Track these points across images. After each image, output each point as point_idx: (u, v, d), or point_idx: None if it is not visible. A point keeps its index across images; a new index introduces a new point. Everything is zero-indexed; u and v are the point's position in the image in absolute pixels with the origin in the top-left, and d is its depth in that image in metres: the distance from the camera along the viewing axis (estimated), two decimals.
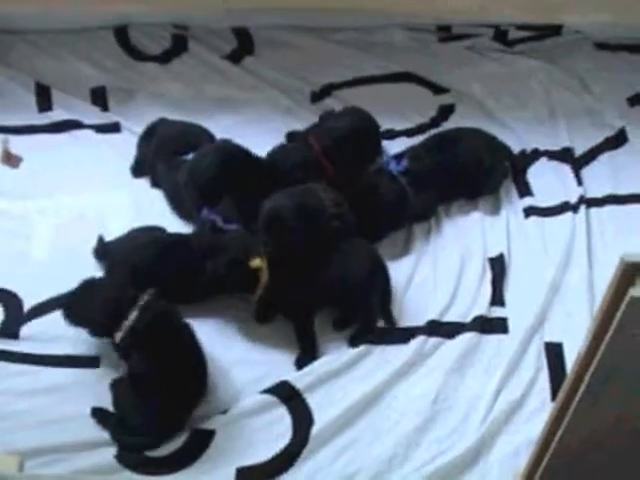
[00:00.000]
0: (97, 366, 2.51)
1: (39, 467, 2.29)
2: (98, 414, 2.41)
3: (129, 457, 2.34)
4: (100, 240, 2.72)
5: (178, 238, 2.70)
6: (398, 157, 2.84)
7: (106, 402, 2.42)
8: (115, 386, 2.43)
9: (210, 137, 2.93)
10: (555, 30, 3.38)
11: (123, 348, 2.42)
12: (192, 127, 2.97)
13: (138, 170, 2.97)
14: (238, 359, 2.55)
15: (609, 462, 1.77)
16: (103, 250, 2.70)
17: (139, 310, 2.39)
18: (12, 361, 2.52)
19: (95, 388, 2.45)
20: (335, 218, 2.60)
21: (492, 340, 2.58)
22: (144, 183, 2.94)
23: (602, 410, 1.61)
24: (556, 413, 1.71)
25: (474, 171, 2.86)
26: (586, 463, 1.78)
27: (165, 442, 2.37)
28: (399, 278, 2.66)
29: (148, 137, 2.97)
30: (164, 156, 2.87)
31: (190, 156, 2.82)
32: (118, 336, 2.39)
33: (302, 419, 2.42)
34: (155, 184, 2.93)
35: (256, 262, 2.52)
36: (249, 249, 2.54)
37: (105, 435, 2.38)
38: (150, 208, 2.88)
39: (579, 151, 3.03)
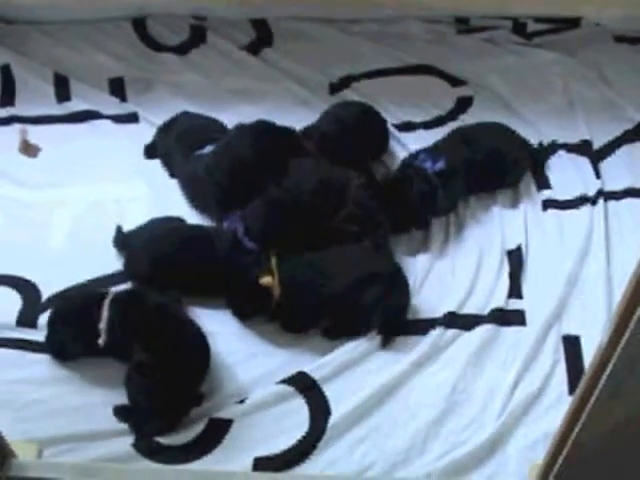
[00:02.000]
0: None
1: (57, 455, 2.30)
2: (119, 411, 2.41)
3: (146, 446, 2.34)
4: (119, 230, 2.72)
5: (199, 230, 2.71)
6: (434, 155, 2.80)
7: (123, 391, 2.42)
8: (126, 377, 2.43)
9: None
10: (574, 22, 3.37)
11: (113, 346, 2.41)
12: (212, 122, 2.97)
13: (152, 152, 2.98)
14: (256, 349, 2.55)
15: (630, 457, 1.76)
16: (122, 240, 2.70)
17: (108, 309, 2.38)
18: (30, 350, 2.52)
19: (112, 377, 2.45)
20: (357, 204, 2.61)
21: (509, 332, 2.57)
22: (162, 173, 2.94)
23: (623, 404, 1.60)
24: (575, 406, 1.70)
25: (495, 166, 2.85)
26: (606, 457, 1.78)
27: (179, 427, 2.38)
28: (417, 270, 2.66)
29: (167, 129, 2.97)
30: (181, 149, 2.87)
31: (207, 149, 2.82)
32: (102, 340, 2.39)
33: (319, 410, 2.42)
34: (173, 175, 2.93)
35: (267, 279, 2.52)
36: (259, 267, 2.55)
37: (122, 425, 2.38)
38: (168, 198, 2.88)
39: (598, 144, 3.01)
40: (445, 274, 2.70)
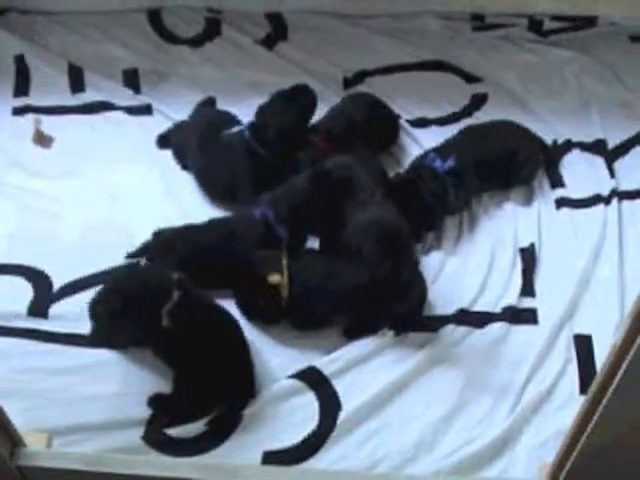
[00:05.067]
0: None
1: (67, 445, 2.31)
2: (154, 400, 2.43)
3: (156, 438, 2.35)
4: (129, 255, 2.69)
5: (213, 229, 2.67)
6: (443, 154, 2.79)
7: (134, 382, 2.44)
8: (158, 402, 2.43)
9: None
10: (590, 21, 3.35)
11: (166, 337, 2.37)
12: (225, 114, 2.97)
13: (164, 142, 2.98)
14: (266, 344, 2.54)
15: None
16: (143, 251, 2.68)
17: (177, 288, 2.33)
18: (41, 340, 2.53)
19: (123, 368, 2.46)
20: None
21: (521, 330, 2.57)
22: (175, 165, 2.94)
23: (636, 405, 1.60)
24: (587, 406, 1.70)
25: (508, 164, 2.84)
26: (618, 459, 1.77)
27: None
28: (429, 266, 2.65)
29: (182, 124, 2.99)
30: (197, 139, 2.86)
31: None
32: (165, 320, 2.32)
33: (329, 405, 2.42)
34: (185, 167, 2.93)
35: (275, 278, 2.51)
36: (268, 265, 2.53)
37: (132, 415, 2.39)
38: (180, 189, 2.88)
39: (612, 143, 3.00)
40: (457, 271, 2.69)
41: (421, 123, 3.05)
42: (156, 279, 2.37)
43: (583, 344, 2.54)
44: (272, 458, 2.33)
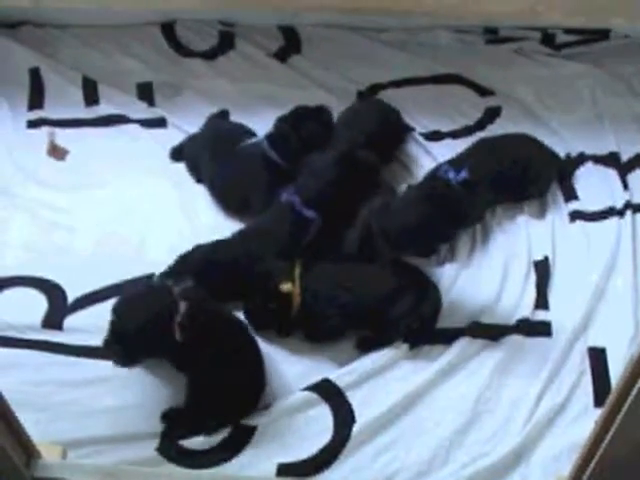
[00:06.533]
0: None
1: (81, 457, 2.31)
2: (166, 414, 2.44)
3: (171, 450, 2.35)
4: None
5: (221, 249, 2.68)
6: (457, 166, 2.75)
7: (148, 394, 2.45)
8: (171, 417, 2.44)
9: None
10: (603, 34, 3.34)
11: (181, 349, 2.34)
12: (239, 127, 2.99)
13: (177, 155, 3.00)
14: (280, 356, 2.55)
15: None
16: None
17: (182, 298, 2.31)
18: (55, 352, 2.54)
19: (137, 380, 2.46)
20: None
21: (535, 343, 2.56)
22: (189, 178, 2.95)
23: None
24: (604, 419, 1.69)
25: (521, 176, 2.84)
26: (634, 472, 1.77)
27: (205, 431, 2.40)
28: (443, 279, 2.66)
29: (195, 137, 3.00)
30: (210, 151, 2.88)
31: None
32: (177, 334, 2.29)
33: (344, 417, 2.42)
34: (198, 180, 2.94)
35: (287, 286, 2.51)
36: (280, 273, 2.54)
37: (147, 427, 2.39)
38: (194, 202, 2.89)
39: (625, 156, 3.00)
40: (471, 284, 2.69)
41: (435, 136, 3.05)
42: (160, 296, 2.33)
43: (597, 357, 2.54)
44: (286, 470, 2.33)
